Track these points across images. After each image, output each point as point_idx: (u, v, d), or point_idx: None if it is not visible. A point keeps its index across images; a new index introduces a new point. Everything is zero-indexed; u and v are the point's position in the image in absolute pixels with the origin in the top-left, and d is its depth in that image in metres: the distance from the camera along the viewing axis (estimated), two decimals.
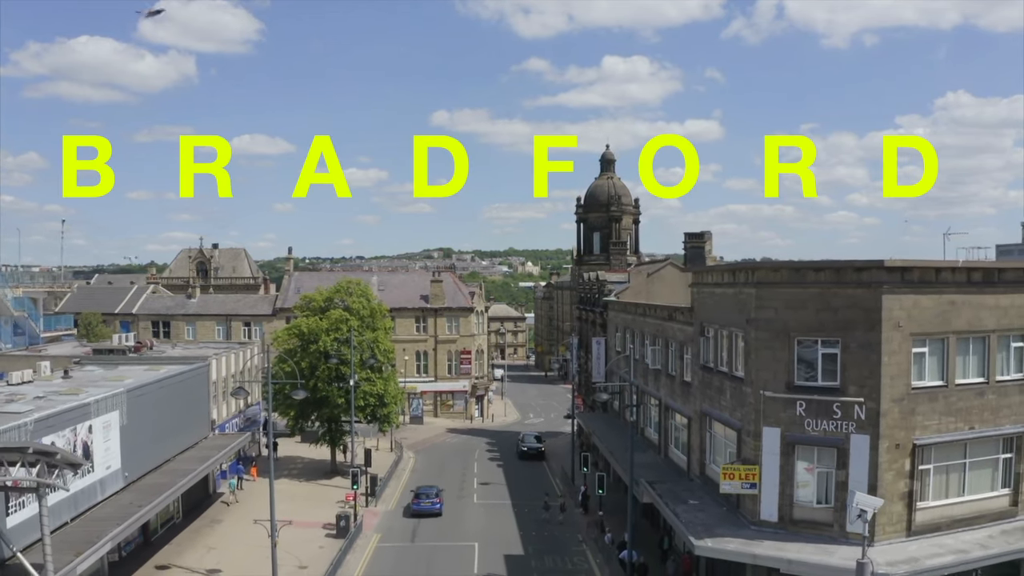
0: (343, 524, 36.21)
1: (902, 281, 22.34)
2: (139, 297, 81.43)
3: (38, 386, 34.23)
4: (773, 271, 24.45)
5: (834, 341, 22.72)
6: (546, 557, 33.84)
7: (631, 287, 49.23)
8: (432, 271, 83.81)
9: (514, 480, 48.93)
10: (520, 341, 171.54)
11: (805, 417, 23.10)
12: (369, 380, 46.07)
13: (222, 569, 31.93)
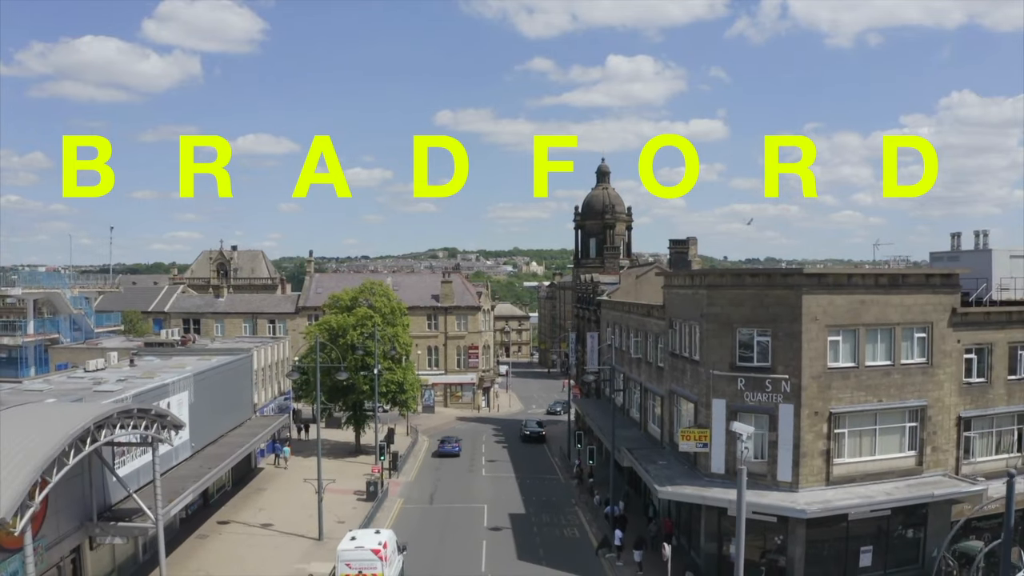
0: (372, 490, 42.59)
1: (819, 284, 28.58)
2: (170, 296, 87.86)
3: (112, 372, 40.58)
4: (720, 276, 30.76)
5: (766, 331, 28.98)
6: (544, 515, 40.25)
7: (621, 287, 55.45)
8: (442, 272, 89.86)
9: (517, 458, 55.22)
10: (524, 339, 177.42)
11: (744, 390, 29.35)
12: (390, 369, 52.42)
13: (273, 523, 38.29)
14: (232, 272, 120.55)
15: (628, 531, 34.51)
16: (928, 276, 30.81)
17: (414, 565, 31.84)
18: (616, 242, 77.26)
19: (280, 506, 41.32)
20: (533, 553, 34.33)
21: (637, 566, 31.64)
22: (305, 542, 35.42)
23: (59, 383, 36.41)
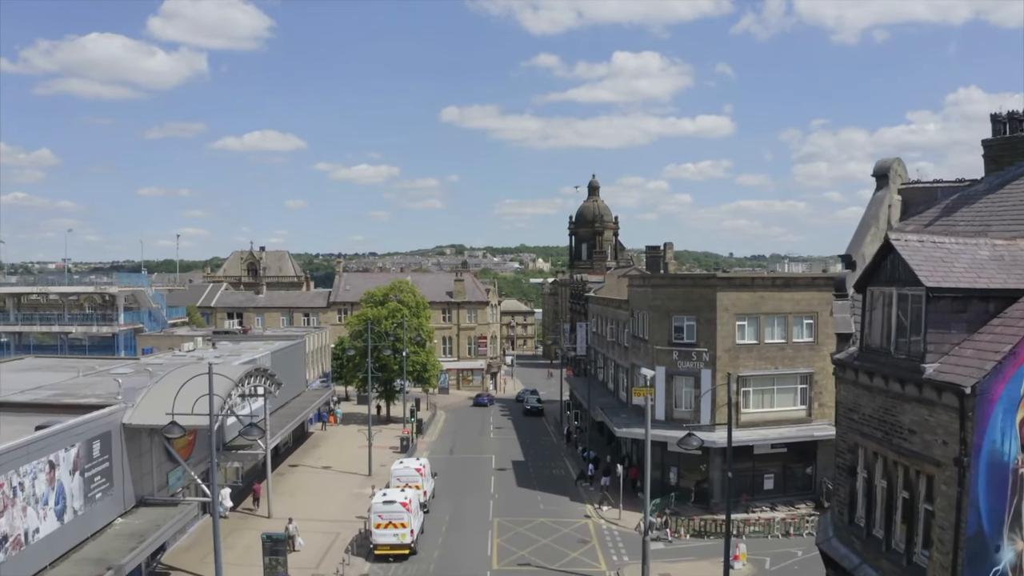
0: (405, 444, 54.57)
1: (729, 285, 40.36)
2: (215, 293, 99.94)
3: (203, 352, 52.48)
4: (661, 278, 42.69)
5: (692, 317, 40.77)
6: (538, 461, 52.25)
7: (606, 285, 67.13)
8: (455, 271, 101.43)
9: (520, 426, 67.15)
10: (529, 333, 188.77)
11: (678, 360, 41.16)
12: (416, 352, 64.34)
13: (332, 466, 50.29)
14: (262, 270, 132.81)
15: (599, 468, 46.42)
16: (814, 279, 42.57)
17: (441, 487, 43.90)
18: (604, 247, 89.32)
19: (333, 456, 53.30)
20: (529, 483, 46.38)
21: (603, 488, 43.55)
22: (358, 476, 47.43)
23: (172, 360, 48.31)
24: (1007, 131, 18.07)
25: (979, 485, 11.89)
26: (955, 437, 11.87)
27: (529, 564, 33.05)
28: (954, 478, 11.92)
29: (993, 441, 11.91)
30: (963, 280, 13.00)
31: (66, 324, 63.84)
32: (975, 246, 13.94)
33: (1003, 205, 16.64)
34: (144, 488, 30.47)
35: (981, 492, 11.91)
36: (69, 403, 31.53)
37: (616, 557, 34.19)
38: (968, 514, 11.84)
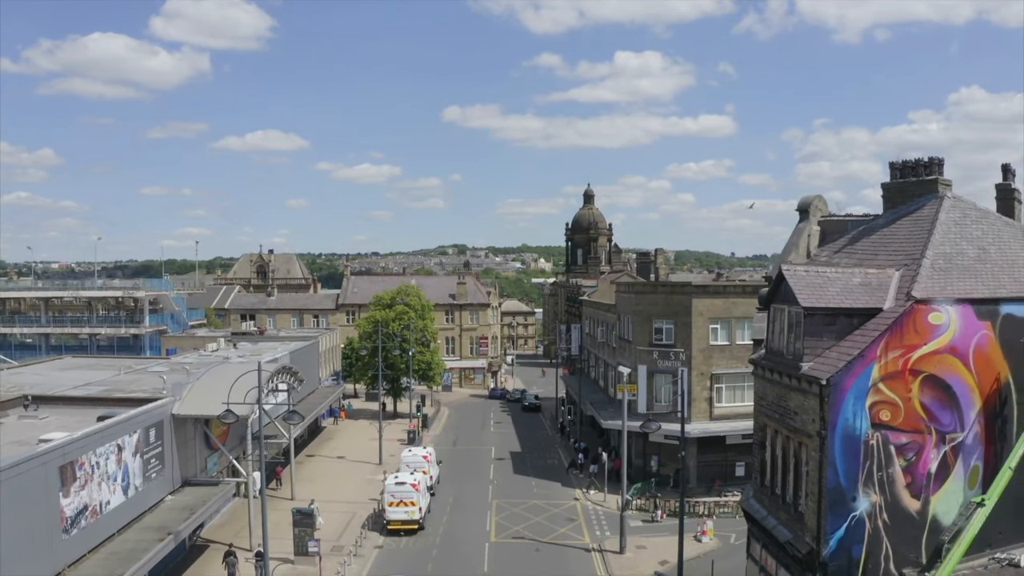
0: (411, 437, 59.17)
1: (704, 292, 44.91)
2: (229, 295, 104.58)
3: (224, 352, 57.10)
4: (643, 286, 47.26)
5: (671, 321, 45.32)
6: (534, 452, 56.87)
7: (599, 289, 71.61)
8: (457, 275, 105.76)
9: (518, 421, 71.71)
10: (530, 333, 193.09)
11: (657, 359, 45.72)
12: (421, 352, 68.91)
13: (345, 456, 54.90)
14: (271, 273, 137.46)
15: (588, 457, 51.03)
16: None
17: (445, 474, 48.54)
18: (598, 252, 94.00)
19: (346, 448, 57.93)
20: (524, 471, 51.03)
21: (591, 475, 48.14)
22: (370, 465, 52.06)
23: (200, 359, 52.92)
24: (901, 176, 22.60)
25: (836, 451, 16.49)
26: (818, 416, 16.46)
27: (523, 538, 37.70)
28: (817, 446, 16.52)
29: (846, 419, 16.50)
30: (833, 301, 17.59)
31: (95, 326, 68.49)
32: (850, 274, 18.54)
33: (891, 238, 21.19)
34: (188, 470, 35.11)
35: (837, 456, 16.51)
36: (121, 397, 36.21)
37: (599, 532, 38.80)
38: (828, 472, 16.43)
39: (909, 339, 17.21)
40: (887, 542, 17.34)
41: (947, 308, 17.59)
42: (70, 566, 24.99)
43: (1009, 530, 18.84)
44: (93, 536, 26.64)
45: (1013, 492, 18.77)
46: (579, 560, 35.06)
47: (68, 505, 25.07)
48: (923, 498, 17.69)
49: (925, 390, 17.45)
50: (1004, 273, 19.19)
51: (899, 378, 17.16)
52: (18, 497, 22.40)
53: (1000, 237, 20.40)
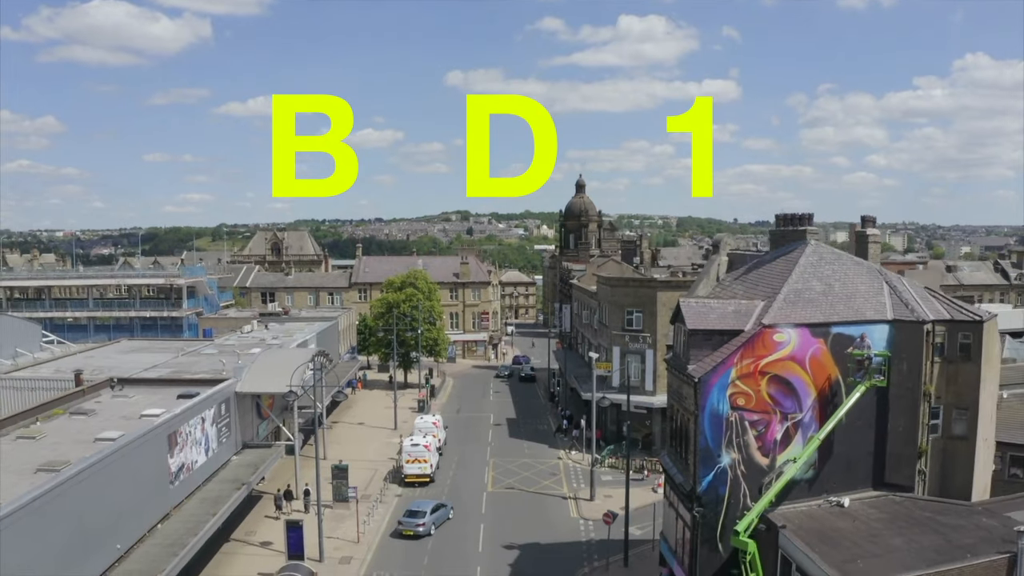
0: (421, 405, 68.25)
1: (666, 286, 53.40)
2: (250, 274, 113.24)
3: (259, 333, 65.88)
4: (618, 280, 55.81)
5: (639, 310, 53.90)
6: (527, 418, 66.04)
7: (587, 273, 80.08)
8: (461, 254, 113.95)
9: (515, 390, 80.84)
10: (531, 303, 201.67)
11: (629, 342, 54.42)
12: (428, 330, 77.73)
13: (364, 422, 64.02)
14: (285, 250, 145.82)
15: (572, 423, 60.13)
16: None
17: (451, 437, 57.75)
18: (588, 238, 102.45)
19: (365, 415, 67.08)
20: (518, 434, 60.22)
21: (573, 439, 57.24)
22: (386, 430, 61.22)
23: (241, 340, 61.67)
24: (783, 225, 30.97)
25: (705, 424, 25.19)
26: (694, 401, 25.15)
27: (513, 488, 46.89)
28: (694, 421, 25.22)
29: (712, 404, 25.18)
30: (711, 324, 26.16)
31: (139, 310, 77.25)
32: (727, 304, 27.09)
33: (768, 273, 29.66)
34: (246, 436, 44.08)
35: (706, 428, 25.22)
36: (190, 378, 44.93)
37: (575, 484, 47.97)
38: (700, 438, 25.17)
39: (758, 351, 25.63)
40: (744, 485, 25.99)
41: (788, 330, 26.03)
42: (175, 508, 33.99)
43: (839, 482, 27.57)
44: (188, 486, 35.65)
45: (844, 455, 27.54)
46: (557, 505, 44.26)
47: (172, 463, 34.01)
48: (771, 456, 26.30)
49: (771, 385, 25.94)
50: (841, 303, 27.58)
51: (751, 377, 25.63)
52: (143, 458, 31.31)
53: (846, 275, 28.77)
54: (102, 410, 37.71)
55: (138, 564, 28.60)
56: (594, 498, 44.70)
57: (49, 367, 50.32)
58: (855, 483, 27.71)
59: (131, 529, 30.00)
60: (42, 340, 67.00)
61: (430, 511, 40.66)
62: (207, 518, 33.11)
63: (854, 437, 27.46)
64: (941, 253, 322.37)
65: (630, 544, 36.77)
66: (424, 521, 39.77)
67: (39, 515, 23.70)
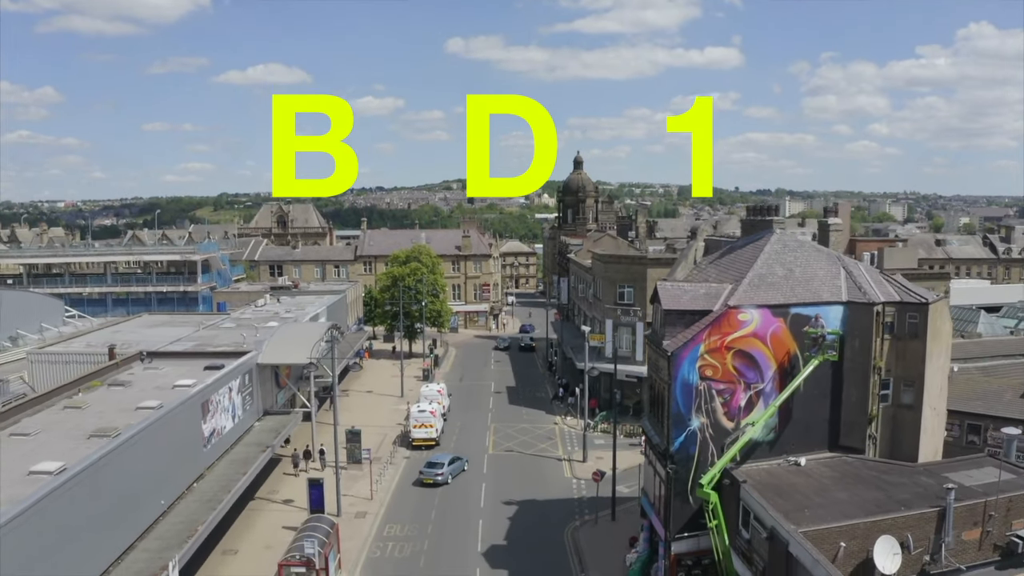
0: (426, 374, 72.15)
1: (656, 263, 56.83)
2: (258, 248, 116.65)
3: (272, 307, 69.52)
4: (611, 257, 59.24)
5: (631, 285, 57.42)
6: (526, 386, 70.00)
7: (584, 248, 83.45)
8: (463, 228, 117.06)
9: (515, 360, 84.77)
10: (531, 272, 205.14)
11: (621, 315, 58.04)
12: (432, 302, 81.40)
13: (372, 390, 67.98)
14: (290, 222, 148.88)
15: (568, 391, 64.04)
16: None
17: (454, 404, 61.77)
18: (586, 213, 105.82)
19: (373, 384, 71.03)
20: (517, 401, 64.21)
21: (570, 406, 61.17)
22: (393, 397, 65.19)
23: (256, 313, 65.30)
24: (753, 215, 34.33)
25: (677, 393, 28.87)
26: (668, 372, 28.81)
27: (512, 451, 50.93)
28: (667, 389, 28.91)
29: (683, 374, 28.83)
30: (684, 305, 29.71)
31: (156, 285, 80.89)
32: (698, 287, 30.62)
33: (738, 258, 33.12)
34: (266, 403, 47.95)
35: (678, 395, 28.91)
36: (213, 351, 48.58)
37: (570, 447, 51.99)
38: (672, 404, 28.88)
39: (725, 329, 29.15)
40: (712, 445, 29.70)
41: (751, 310, 29.53)
42: (208, 469, 37.90)
43: (798, 444, 31.27)
44: (218, 449, 39.56)
45: (803, 420, 31.21)
46: (552, 465, 48.29)
47: (205, 429, 37.85)
48: (736, 420, 29.97)
49: (736, 358, 29.50)
50: (800, 287, 31.05)
51: (718, 351, 29.18)
52: (181, 424, 35.13)
53: (806, 261, 32.20)
54: (136, 381, 41.36)
55: (180, 517, 32.49)
56: (586, 460, 48.69)
57: (80, 342, 54.00)
58: (812, 445, 31.41)
59: (172, 487, 33.91)
60: (64, 315, 70.83)
61: (447, 463, 46.07)
62: (237, 477, 37.05)
63: (812, 405, 31.12)
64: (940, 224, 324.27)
65: (617, 500, 40.74)
66: (443, 471, 45.28)
67: (99, 475, 27.46)
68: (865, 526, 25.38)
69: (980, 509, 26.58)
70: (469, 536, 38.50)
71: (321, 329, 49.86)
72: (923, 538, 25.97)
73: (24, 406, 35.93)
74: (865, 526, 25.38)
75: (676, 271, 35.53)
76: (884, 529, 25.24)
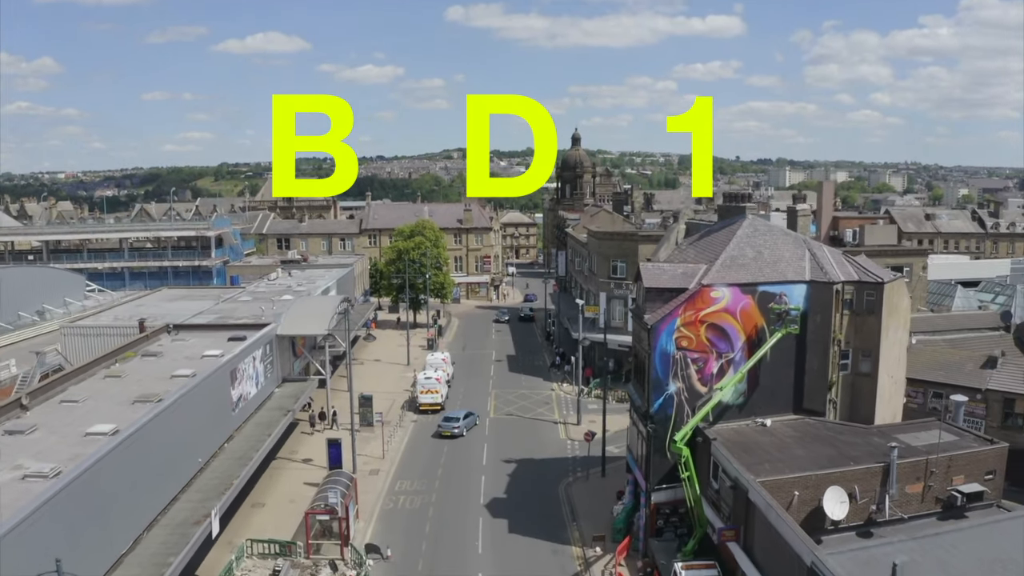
0: (430, 343, 76.15)
1: (646, 239, 60.40)
2: (266, 221, 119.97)
3: (285, 280, 73.23)
4: (605, 234, 62.79)
5: (623, 260, 61.08)
6: (525, 354, 74.14)
7: (581, 222, 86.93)
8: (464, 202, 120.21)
9: (515, 329, 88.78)
10: (532, 243, 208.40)
11: (614, 288, 61.80)
12: (435, 274, 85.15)
13: (381, 359, 72.01)
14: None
15: (564, 359, 68.09)
16: None
17: (457, 372, 66.02)
18: (583, 188, 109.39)
19: (380, 353, 75.08)
20: (516, 369, 68.37)
21: (566, 373, 65.24)
22: (400, 365, 69.30)
23: (270, 286, 68.99)
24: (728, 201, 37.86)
25: (656, 361, 32.72)
26: (648, 343, 32.64)
27: (512, 414, 55.13)
28: (648, 358, 32.77)
29: (662, 344, 32.65)
30: (663, 283, 33.43)
31: (172, 260, 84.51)
32: (676, 267, 34.31)
33: (714, 241, 36.73)
34: (284, 371, 51.90)
35: (657, 363, 32.77)
36: (235, 323, 52.30)
37: (565, 411, 56.18)
38: (652, 370, 32.76)
39: (698, 305, 32.86)
40: (687, 407, 33.60)
41: (722, 288, 33.21)
42: (236, 430, 41.91)
43: (765, 407, 35.13)
44: (244, 413, 43.55)
45: (769, 386, 35.04)
46: (548, 428, 52.50)
47: (234, 394, 41.79)
48: (708, 386, 33.80)
49: (709, 331, 33.25)
50: (768, 267, 34.69)
51: (693, 324, 32.93)
52: (214, 389, 39.04)
53: (775, 244, 35.80)
54: (167, 352, 45.15)
55: (215, 473, 36.52)
56: (580, 423, 52.80)
57: (108, 315, 57.73)
58: (778, 409, 35.31)
59: (207, 446, 37.91)
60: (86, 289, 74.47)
61: (463, 417, 52.22)
62: (264, 438, 41.10)
63: (778, 372, 34.94)
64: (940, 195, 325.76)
65: (607, 459, 44.86)
66: (458, 425, 51.25)
67: (148, 435, 31.31)
68: (816, 478, 29.29)
69: (922, 466, 30.39)
70: (472, 490, 42.71)
71: (335, 302, 53.67)
72: (869, 490, 29.81)
73: (69, 376, 39.69)
74: (816, 478, 29.29)
75: (659, 251, 39.16)
76: (834, 481, 29.10)
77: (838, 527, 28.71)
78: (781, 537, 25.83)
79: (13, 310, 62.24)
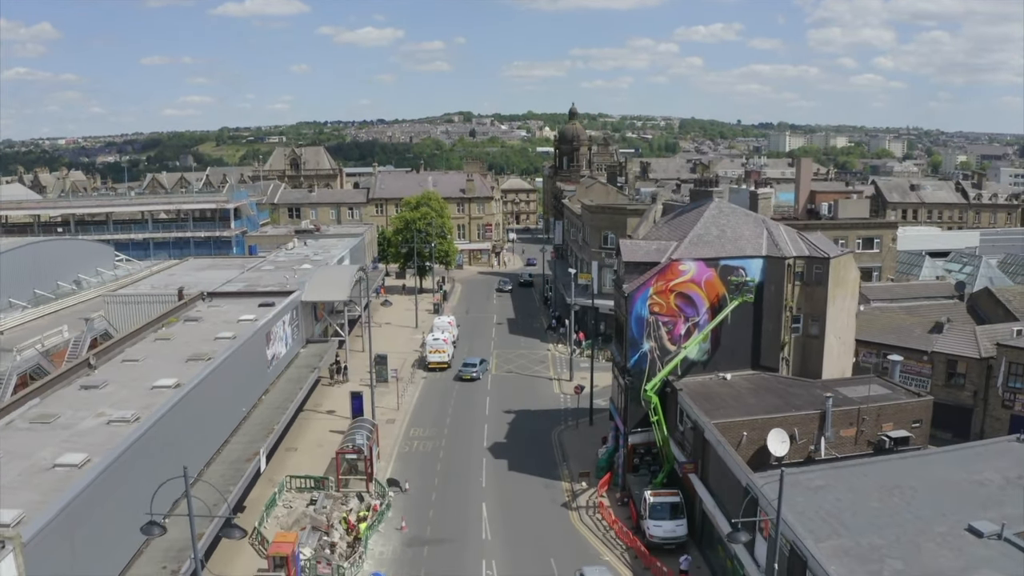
0: (437, 307, 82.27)
1: (635, 213, 65.98)
2: (277, 191, 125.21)
3: (301, 249, 78.96)
4: (597, 208, 68.56)
5: (614, 232, 66.73)
6: (524, 318, 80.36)
7: (577, 193, 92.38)
8: (467, 172, 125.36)
9: (515, 294, 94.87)
10: (532, 209, 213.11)
11: (605, 258, 67.60)
12: (440, 243, 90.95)
13: (391, 321, 78.20)
14: (302, 164, 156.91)
15: (560, 322, 74.24)
16: None
17: (462, 333, 72.27)
18: (580, 161, 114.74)
19: (390, 316, 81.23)
20: (516, 331, 74.66)
21: (561, 335, 71.43)
22: (409, 328, 75.49)
23: (289, 255, 74.79)
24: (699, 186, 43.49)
25: (632, 323, 38.79)
26: (625, 308, 38.66)
27: (512, 372, 61.51)
28: (626, 321, 38.83)
29: (637, 309, 38.69)
30: (639, 258, 39.31)
31: (193, 230, 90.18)
32: (651, 243, 40.16)
33: (684, 220, 42.48)
34: (308, 333, 57.99)
35: (632, 325, 38.84)
36: (263, 290, 58.10)
37: (559, 370, 62.52)
38: (629, 331, 38.83)
39: (668, 277, 38.74)
40: (659, 363, 39.71)
41: (689, 263, 39.05)
42: (271, 385, 48.10)
43: (726, 364, 41.16)
44: (277, 370, 49.73)
45: (730, 346, 41.00)
46: (544, 384, 58.90)
47: (269, 354, 47.92)
48: (677, 344, 39.85)
49: (677, 298, 39.16)
50: (729, 244, 40.46)
51: (664, 293, 38.86)
52: (252, 349, 45.12)
53: (737, 224, 41.54)
54: (206, 317, 50.94)
55: (258, 420, 42.77)
56: (572, 379, 59.07)
57: (145, 284, 63.49)
58: (737, 365, 41.36)
59: (248, 399, 44.10)
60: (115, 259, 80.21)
61: (478, 363, 61.57)
62: (296, 391, 47.36)
63: (738, 334, 40.93)
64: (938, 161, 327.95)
65: (594, 411, 51.19)
66: (476, 369, 60.54)
67: (204, 388, 37.35)
68: (762, 421, 35.33)
69: (854, 413, 36.27)
70: (476, 436, 49.13)
71: (352, 271, 59.64)
72: (808, 432, 35.81)
73: (124, 339, 45.52)
74: (762, 421, 35.33)
75: (639, 229, 44.90)
76: (777, 424, 35.05)
77: (781, 463, 34.57)
78: (726, 466, 32.03)
79: (52, 280, 67.61)
